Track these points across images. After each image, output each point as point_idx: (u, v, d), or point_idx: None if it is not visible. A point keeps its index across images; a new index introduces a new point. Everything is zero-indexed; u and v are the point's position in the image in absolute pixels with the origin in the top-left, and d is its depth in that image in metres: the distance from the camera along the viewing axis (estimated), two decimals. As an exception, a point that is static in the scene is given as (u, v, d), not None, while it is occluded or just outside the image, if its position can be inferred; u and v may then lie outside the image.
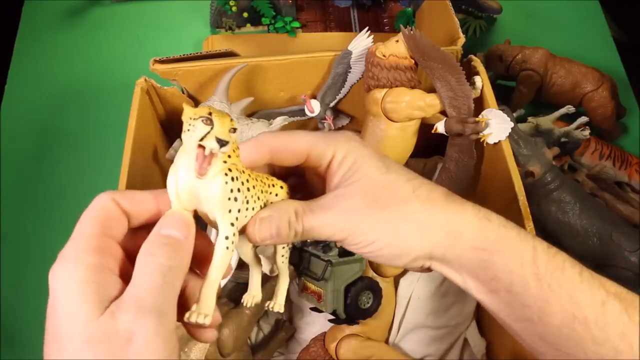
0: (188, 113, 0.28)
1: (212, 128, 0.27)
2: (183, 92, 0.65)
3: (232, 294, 0.62)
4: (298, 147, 0.33)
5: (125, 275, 0.27)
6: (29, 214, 0.77)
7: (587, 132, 0.72)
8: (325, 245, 0.56)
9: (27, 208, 0.77)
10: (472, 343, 0.64)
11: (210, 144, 0.27)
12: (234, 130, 0.28)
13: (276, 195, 0.33)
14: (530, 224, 0.50)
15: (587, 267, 0.33)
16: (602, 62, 0.82)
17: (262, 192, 0.31)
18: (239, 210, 0.29)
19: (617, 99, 0.79)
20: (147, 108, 0.61)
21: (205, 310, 0.27)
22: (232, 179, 0.28)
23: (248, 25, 0.89)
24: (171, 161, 0.61)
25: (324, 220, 0.32)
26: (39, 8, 0.94)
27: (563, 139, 0.73)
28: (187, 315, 0.27)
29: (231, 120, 0.28)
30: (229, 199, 0.28)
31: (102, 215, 0.29)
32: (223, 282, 0.51)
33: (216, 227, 0.29)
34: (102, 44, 0.91)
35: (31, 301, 0.71)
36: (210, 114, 0.27)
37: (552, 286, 0.31)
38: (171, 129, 0.67)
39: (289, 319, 0.66)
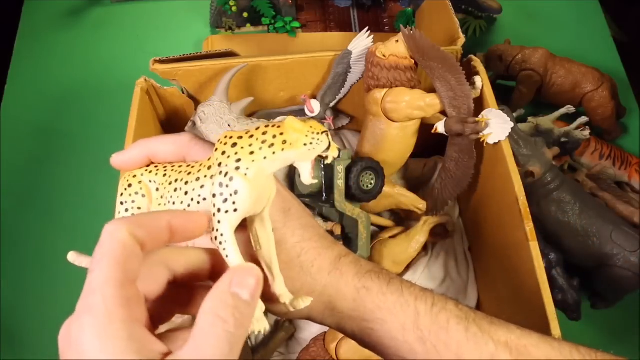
0: (305, 129, 0.29)
1: (329, 141, 0.29)
2: (183, 92, 0.65)
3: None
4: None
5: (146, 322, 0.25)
6: (29, 214, 0.77)
7: (587, 132, 0.72)
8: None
9: (27, 208, 0.77)
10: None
11: (334, 153, 0.30)
12: None
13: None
14: (530, 224, 0.50)
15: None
16: (602, 62, 0.82)
17: None
18: None
19: (617, 99, 0.79)
20: (147, 108, 0.61)
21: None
22: None
23: (248, 25, 0.89)
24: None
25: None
26: (39, 8, 0.94)
27: (563, 139, 0.73)
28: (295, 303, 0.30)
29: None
30: None
31: (123, 254, 0.25)
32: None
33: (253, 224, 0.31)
34: (102, 44, 0.91)
35: (31, 301, 0.71)
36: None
37: (438, 347, 0.31)
38: (171, 129, 0.67)
39: (288, 319, 0.66)
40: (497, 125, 0.54)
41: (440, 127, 0.57)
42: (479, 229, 0.66)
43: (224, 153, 0.29)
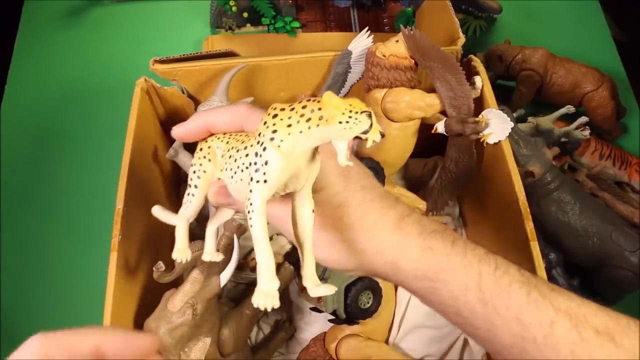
0: (343, 106, 0.27)
1: (372, 123, 0.27)
2: (183, 92, 0.65)
3: (232, 294, 0.62)
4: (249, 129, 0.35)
5: None
6: (29, 214, 0.77)
7: (587, 132, 0.72)
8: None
9: (27, 208, 0.77)
10: (472, 343, 0.64)
11: (376, 137, 0.27)
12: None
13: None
14: (530, 224, 0.50)
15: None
16: (602, 62, 0.82)
17: None
18: None
19: (617, 99, 0.79)
20: (147, 108, 0.61)
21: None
22: None
23: (248, 25, 0.89)
24: (171, 161, 0.61)
25: (277, 217, 0.34)
26: (39, 8, 0.94)
27: (563, 139, 0.73)
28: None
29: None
30: None
31: None
32: (222, 283, 0.51)
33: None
34: (102, 44, 0.91)
35: (31, 301, 0.71)
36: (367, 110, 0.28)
37: (499, 310, 0.31)
38: (171, 129, 0.66)
39: (288, 319, 0.66)
40: (497, 125, 0.54)
41: (440, 127, 0.57)
42: (479, 229, 0.66)
43: (265, 123, 0.29)
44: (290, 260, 0.61)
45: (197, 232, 0.69)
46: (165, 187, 0.66)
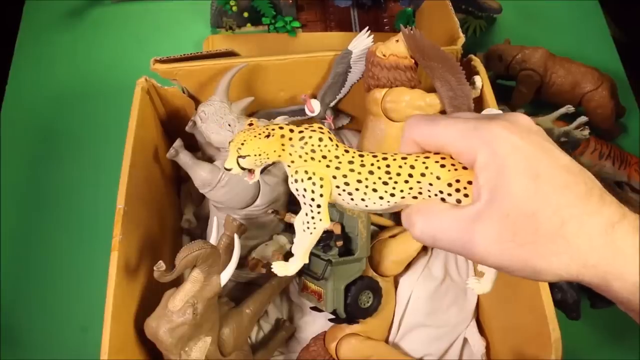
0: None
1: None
2: (183, 92, 0.65)
3: (232, 294, 0.62)
4: (437, 143, 0.32)
5: None
6: (30, 214, 0.77)
7: (586, 132, 0.72)
8: (326, 245, 0.56)
9: (28, 208, 0.77)
10: (471, 342, 0.64)
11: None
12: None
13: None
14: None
15: None
16: (601, 62, 0.82)
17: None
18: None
19: (616, 99, 0.79)
20: (148, 108, 0.61)
21: None
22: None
23: (248, 25, 0.89)
24: (172, 160, 0.61)
25: (455, 238, 0.30)
26: (39, 8, 0.95)
27: (562, 139, 0.73)
28: None
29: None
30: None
31: None
32: (223, 282, 0.51)
33: None
34: (103, 45, 0.91)
35: (32, 301, 0.71)
36: None
37: None
38: (172, 128, 0.67)
39: (289, 318, 0.66)
40: (496, 125, 0.54)
41: (440, 127, 0.57)
42: (478, 229, 0.66)
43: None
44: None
45: (197, 232, 0.69)
46: (166, 186, 0.66)
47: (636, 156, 0.77)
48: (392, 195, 0.32)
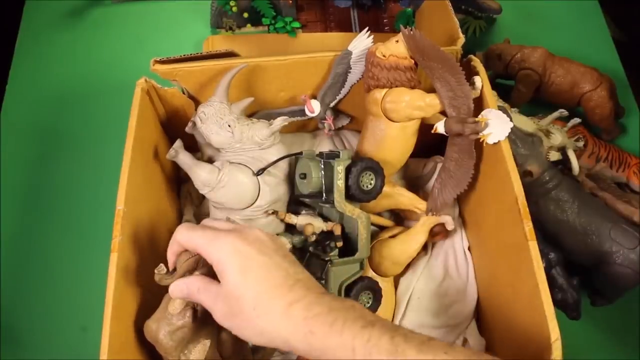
0: None
1: None
2: (183, 93, 0.65)
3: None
4: (192, 246, 0.44)
5: None
6: (30, 214, 0.77)
7: (581, 144, 0.72)
8: (326, 245, 0.56)
9: (27, 208, 0.77)
10: (471, 343, 0.64)
11: None
12: None
13: None
14: (529, 224, 0.50)
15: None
16: (601, 62, 0.82)
17: None
18: None
19: (615, 99, 0.79)
20: (148, 108, 0.61)
21: None
22: None
23: (248, 25, 0.89)
24: (172, 161, 0.61)
25: (208, 306, 0.43)
26: (39, 8, 0.95)
27: (558, 150, 0.72)
28: None
29: None
30: None
31: None
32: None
33: None
34: (103, 45, 0.91)
35: (32, 301, 0.71)
36: None
37: None
38: (172, 129, 0.67)
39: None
40: (496, 125, 0.54)
41: (440, 127, 0.57)
42: (478, 229, 0.66)
43: None
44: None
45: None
46: (166, 187, 0.66)
47: (636, 156, 0.77)
48: None
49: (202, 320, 0.49)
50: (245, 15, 0.87)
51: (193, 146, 0.63)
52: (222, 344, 0.53)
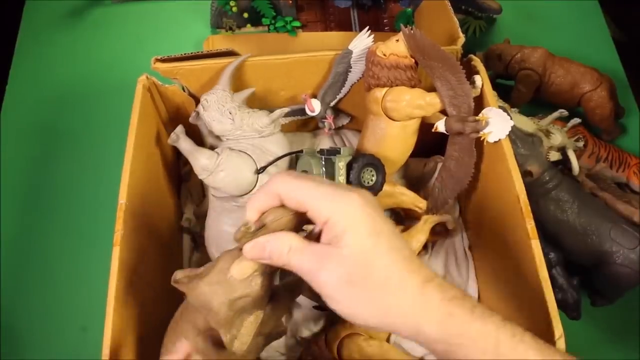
0: None
1: None
2: (184, 91, 0.65)
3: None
4: (299, 198, 0.36)
5: None
6: (30, 214, 0.77)
7: (581, 144, 0.72)
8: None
9: (28, 207, 0.77)
10: (472, 342, 0.64)
11: None
12: None
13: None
14: (531, 222, 0.50)
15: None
16: (601, 62, 0.82)
17: None
18: None
19: (615, 99, 0.79)
20: (149, 105, 0.61)
21: None
22: None
23: (248, 25, 0.89)
24: (173, 157, 0.61)
25: (306, 269, 0.35)
26: (40, 8, 0.95)
27: (559, 150, 0.72)
28: None
29: None
30: None
31: None
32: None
33: None
34: (103, 45, 0.91)
35: (32, 301, 0.71)
36: None
37: None
38: (172, 126, 0.66)
39: (289, 317, 0.66)
40: (497, 124, 0.54)
41: (440, 126, 0.57)
42: (479, 228, 0.66)
43: None
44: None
45: (197, 230, 0.69)
46: (167, 185, 0.66)
47: (636, 156, 0.77)
48: None
49: (264, 290, 0.41)
50: (245, 15, 0.87)
51: (195, 134, 0.64)
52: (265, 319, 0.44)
